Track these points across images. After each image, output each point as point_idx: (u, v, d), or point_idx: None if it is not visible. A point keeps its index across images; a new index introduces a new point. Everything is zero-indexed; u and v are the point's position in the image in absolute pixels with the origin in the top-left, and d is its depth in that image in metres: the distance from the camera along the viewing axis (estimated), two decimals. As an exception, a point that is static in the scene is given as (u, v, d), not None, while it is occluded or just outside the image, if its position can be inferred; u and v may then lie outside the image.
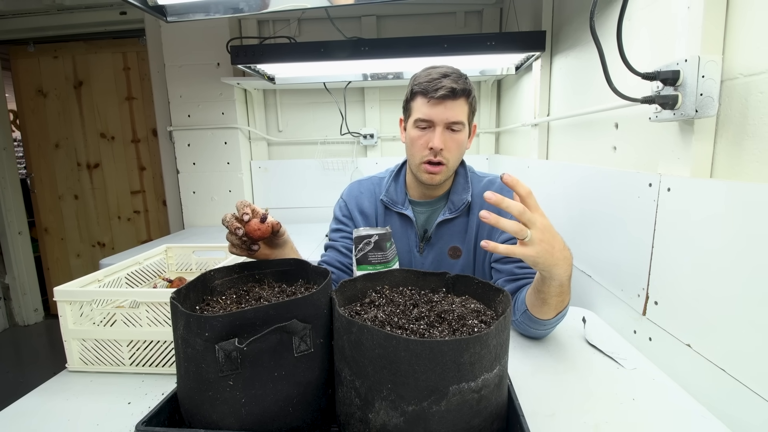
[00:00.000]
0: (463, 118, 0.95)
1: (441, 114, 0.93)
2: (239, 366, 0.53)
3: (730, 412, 0.67)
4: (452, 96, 0.92)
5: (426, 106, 0.94)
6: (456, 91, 0.92)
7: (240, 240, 0.74)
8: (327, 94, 2.49)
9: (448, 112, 0.93)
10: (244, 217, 0.72)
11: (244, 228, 0.72)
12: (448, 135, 0.95)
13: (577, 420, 0.65)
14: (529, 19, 1.89)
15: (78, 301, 0.80)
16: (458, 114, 0.94)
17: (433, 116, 0.94)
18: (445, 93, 0.91)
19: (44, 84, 2.89)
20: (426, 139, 0.96)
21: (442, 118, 0.93)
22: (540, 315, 0.80)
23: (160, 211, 2.99)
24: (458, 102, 0.93)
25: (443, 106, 0.93)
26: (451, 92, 0.91)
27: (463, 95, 0.94)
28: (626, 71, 0.82)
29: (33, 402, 0.74)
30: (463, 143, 0.98)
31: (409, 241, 1.06)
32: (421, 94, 0.95)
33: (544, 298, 0.76)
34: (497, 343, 0.52)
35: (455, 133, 0.96)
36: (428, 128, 0.96)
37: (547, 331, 0.88)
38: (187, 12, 1.33)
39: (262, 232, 0.73)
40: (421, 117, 0.95)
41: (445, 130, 0.95)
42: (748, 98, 0.71)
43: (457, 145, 0.96)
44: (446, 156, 0.96)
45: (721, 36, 0.75)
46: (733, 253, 0.68)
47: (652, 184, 0.88)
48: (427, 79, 0.94)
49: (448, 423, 0.50)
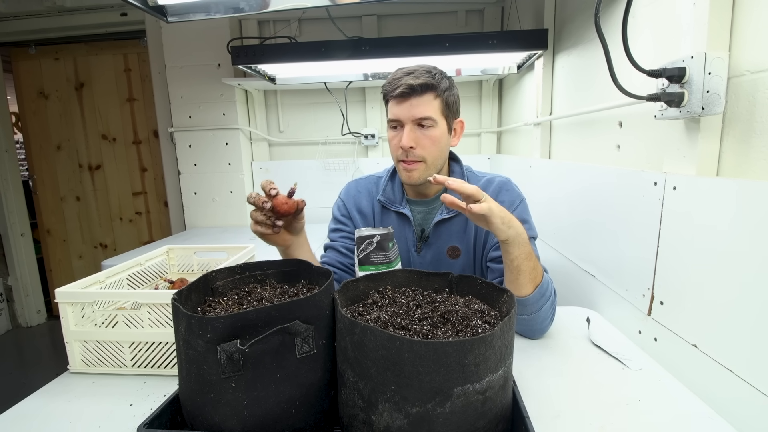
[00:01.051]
0: (432, 113, 0.94)
1: (406, 111, 0.93)
2: (241, 367, 0.52)
3: (738, 414, 0.66)
4: (413, 92, 0.92)
5: (394, 105, 0.96)
6: (415, 87, 0.91)
7: (265, 215, 0.77)
8: (328, 95, 2.48)
9: (413, 109, 0.93)
10: (271, 192, 0.74)
11: (272, 202, 0.74)
12: (419, 132, 0.95)
13: (582, 421, 0.64)
14: (530, 18, 1.88)
15: (79, 303, 0.80)
16: (425, 110, 0.93)
17: (399, 115, 0.95)
18: (403, 90, 0.92)
19: (45, 86, 2.89)
20: (398, 138, 0.96)
21: (408, 116, 0.94)
22: (520, 291, 0.82)
23: (162, 212, 2.99)
24: (424, 98, 0.93)
25: (408, 104, 0.93)
26: (409, 89, 0.91)
27: (429, 90, 0.93)
28: (630, 69, 0.81)
29: (35, 404, 0.73)
30: (440, 139, 0.96)
31: (407, 240, 1.05)
32: (389, 95, 0.96)
33: (518, 264, 0.80)
34: (502, 344, 0.51)
35: (426, 129, 0.95)
36: (399, 128, 0.97)
37: (535, 317, 0.85)
38: (188, 12, 1.32)
39: (289, 206, 0.76)
40: (390, 117, 0.97)
41: (416, 128, 0.95)
42: (756, 95, 0.70)
43: (431, 142, 0.95)
44: (420, 153, 0.95)
45: (728, 32, 0.75)
46: (740, 252, 0.67)
47: (658, 182, 0.87)
48: (390, 80, 0.96)
49: (453, 425, 0.49)
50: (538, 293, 0.83)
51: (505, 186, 1.03)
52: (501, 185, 1.03)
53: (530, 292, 0.82)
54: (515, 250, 0.78)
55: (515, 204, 1.00)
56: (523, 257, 0.79)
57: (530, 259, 0.81)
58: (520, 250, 0.78)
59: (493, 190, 1.02)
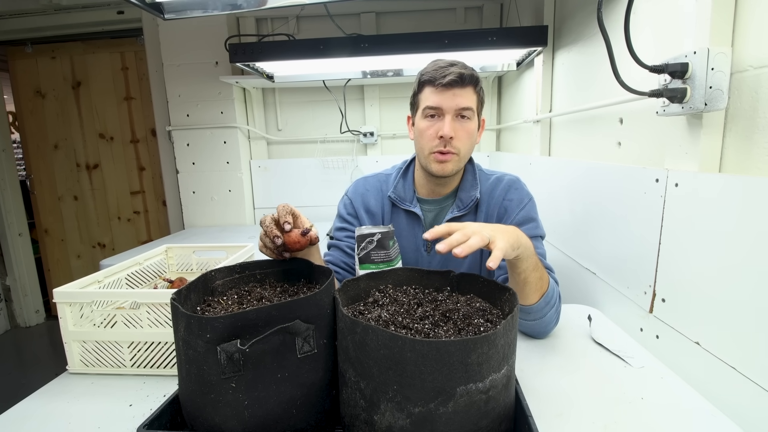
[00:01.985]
0: (473, 105, 0.94)
1: (450, 100, 0.92)
2: (242, 368, 0.52)
3: (742, 411, 0.66)
4: (461, 82, 0.91)
5: (434, 94, 0.93)
6: (464, 77, 0.91)
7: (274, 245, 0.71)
8: (326, 92, 2.47)
9: (457, 99, 0.92)
10: (285, 227, 0.68)
11: (283, 238, 0.69)
12: (458, 123, 0.94)
13: (585, 420, 0.64)
14: (530, 14, 1.87)
15: (78, 303, 0.79)
16: (468, 101, 0.93)
17: (442, 103, 0.93)
18: (453, 78, 0.91)
19: (42, 85, 2.88)
20: (436, 128, 0.94)
21: (451, 105, 0.92)
22: (525, 300, 0.81)
23: (160, 212, 2.98)
24: (467, 89, 0.93)
25: (452, 93, 0.92)
26: (459, 77, 0.91)
27: (472, 83, 0.93)
28: (632, 66, 0.81)
29: (34, 405, 0.73)
30: (474, 133, 0.97)
31: (416, 239, 1.04)
32: (429, 83, 0.94)
33: (525, 277, 0.77)
34: (505, 343, 0.51)
35: (465, 121, 0.94)
36: (437, 117, 0.95)
37: (539, 322, 0.85)
38: (185, 9, 1.31)
39: (301, 245, 0.70)
40: (430, 105, 0.94)
41: (455, 119, 0.94)
42: (759, 91, 0.69)
43: (467, 134, 0.95)
44: (457, 145, 0.94)
45: (730, 27, 0.74)
46: (743, 249, 0.66)
47: (659, 179, 0.87)
48: (435, 68, 0.94)
49: (456, 424, 0.49)
50: (544, 301, 0.81)
51: (514, 185, 1.03)
52: (510, 184, 1.03)
53: (536, 301, 0.81)
54: (522, 264, 0.75)
55: (524, 203, 1.00)
56: (530, 269, 0.77)
57: (537, 270, 0.78)
58: (527, 263, 0.76)
59: (502, 188, 1.02)
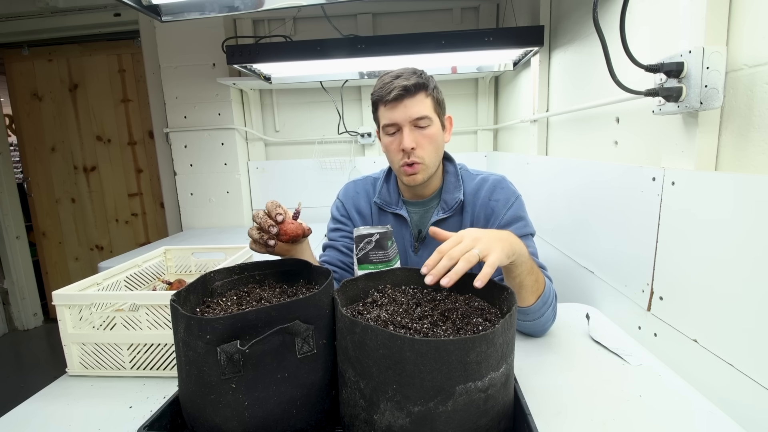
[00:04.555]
0: (427, 112, 0.95)
1: (402, 114, 0.94)
2: (241, 368, 0.52)
3: (740, 409, 0.66)
4: (407, 94, 0.92)
5: (387, 111, 0.95)
6: (409, 88, 0.92)
7: (259, 235, 0.76)
8: (324, 93, 2.47)
9: (409, 110, 0.93)
10: (278, 218, 0.74)
11: (278, 228, 0.74)
12: (417, 132, 0.95)
13: (583, 417, 0.64)
14: (526, 15, 1.88)
15: (77, 305, 0.79)
16: (421, 109, 0.94)
17: (396, 118, 0.94)
18: (398, 93, 0.92)
19: (39, 87, 2.87)
20: (397, 142, 0.96)
21: (405, 118, 0.94)
22: (522, 303, 0.81)
23: (158, 214, 2.97)
24: (417, 98, 0.93)
25: (403, 106, 0.93)
26: (404, 90, 0.92)
27: (420, 90, 0.94)
28: (628, 65, 0.81)
29: (33, 407, 0.73)
30: (436, 137, 0.97)
31: (404, 240, 1.06)
32: (380, 101, 0.96)
33: (520, 281, 0.77)
34: (503, 342, 0.51)
35: (424, 129, 0.95)
36: (397, 132, 0.96)
37: (537, 322, 0.86)
38: (182, 11, 1.31)
39: (295, 233, 0.75)
40: (386, 122, 0.96)
41: (413, 129, 0.95)
42: (754, 89, 0.70)
43: (429, 141, 0.96)
44: (420, 154, 0.95)
45: (725, 27, 0.74)
46: (740, 246, 0.67)
47: (656, 178, 0.87)
48: (381, 85, 0.95)
49: (455, 423, 0.49)
50: (541, 302, 0.82)
51: (500, 184, 1.03)
52: (495, 183, 1.03)
53: (532, 302, 0.81)
54: (517, 269, 0.75)
55: (510, 201, 1.00)
56: (526, 273, 0.77)
57: (532, 273, 0.79)
58: (522, 268, 0.76)
59: (487, 189, 1.02)
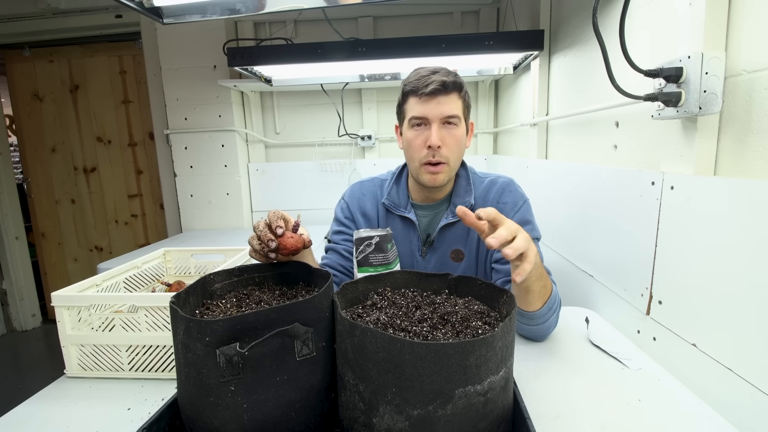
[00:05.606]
0: (458, 112, 0.94)
1: (435, 109, 0.92)
2: (241, 371, 0.52)
3: (739, 413, 0.66)
4: (444, 90, 0.91)
5: (419, 103, 0.93)
6: (447, 85, 0.91)
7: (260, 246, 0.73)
8: (324, 96, 2.48)
9: (441, 107, 0.92)
10: (278, 231, 0.71)
11: (277, 242, 0.71)
12: (446, 131, 0.94)
13: (583, 421, 0.64)
14: (526, 19, 1.89)
15: (76, 306, 0.79)
16: (453, 108, 0.93)
17: (427, 113, 0.93)
18: (436, 87, 0.90)
19: (40, 88, 2.87)
20: (423, 137, 0.94)
21: (436, 114, 0.92)
22: (528, 307, 0.81)
23: (158, 215, 2.97)
24: (451, 96, 0.92)
25: (436, 101, 0.92)
26: (442, 86, 0.91)
27: (455, 89, 0.93)
28: (627, 70, 0.81)
29: (31, 408, 0.73)
30: (462, 140, 0.96)
31: (411, 244, 1.04)
32: (413, 93, 0.94)
33: (528, 285, 0.77)
34: (503, 345, 0.51)
35: (452, 128, 0.94)
36: (424, 126, 0.94)
37: (541, 327, 0.85)
38: (184, 13, 1.32)
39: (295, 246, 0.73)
40: (416, 115, 0.94)
41: (442, 126, 0.93)
42: (753, 95, 0.70)
43: (455, 141, 0.95)
44: (445, 154, 0.94)
45: (724, 32, 0.75)
46: (739, 251, 0.67)
47: (655, 182, 0.87)
48: (417, 77, 0.93)
49: (454, 427, 0.49)
50: (546, 307, 0.81)
51: (509, 187, 1.02)
52: (504, 186, 1.02)
53: (539, 307, 0.80)
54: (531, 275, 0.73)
55: (519, 205, 0.99)
56: (535, 279, 0.76)
57: (541, 279, 0.78)
58: (533, 273, 0.74)
59: (496, 191, 1.01)
